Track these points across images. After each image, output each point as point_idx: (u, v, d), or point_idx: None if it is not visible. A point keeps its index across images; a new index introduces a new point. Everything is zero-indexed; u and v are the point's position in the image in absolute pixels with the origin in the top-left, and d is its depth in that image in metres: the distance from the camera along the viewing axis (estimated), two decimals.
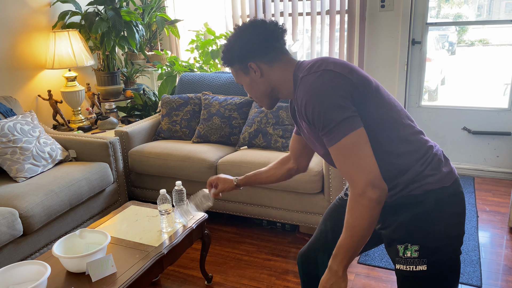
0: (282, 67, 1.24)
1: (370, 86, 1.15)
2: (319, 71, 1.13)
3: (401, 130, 1.17)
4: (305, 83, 1.13)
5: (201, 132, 2.97)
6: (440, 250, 1.15)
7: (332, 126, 1.08)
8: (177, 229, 1.99)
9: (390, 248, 1.22)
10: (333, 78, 1.10)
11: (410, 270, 1.16)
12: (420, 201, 1.16)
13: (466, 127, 3.50)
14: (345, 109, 1.08)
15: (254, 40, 1.22)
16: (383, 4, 3.39)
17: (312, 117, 1.11)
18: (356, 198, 1.06)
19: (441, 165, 1.19)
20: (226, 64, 1.29)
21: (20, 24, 3.12)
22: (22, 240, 2.19)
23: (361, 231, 1.07)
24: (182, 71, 3.64)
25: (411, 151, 1.17)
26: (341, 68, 1.13)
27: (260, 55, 1.23)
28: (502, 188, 3.25)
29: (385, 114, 1.16)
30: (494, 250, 2.45)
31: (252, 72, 1.24)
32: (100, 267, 1.61)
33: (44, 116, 3.38)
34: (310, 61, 1.20)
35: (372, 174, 1.05)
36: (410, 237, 1.16)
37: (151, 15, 3.84)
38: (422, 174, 1.16)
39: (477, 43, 3.66)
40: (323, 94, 1.09)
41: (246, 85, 1.29)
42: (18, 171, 2.43)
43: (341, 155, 1.08)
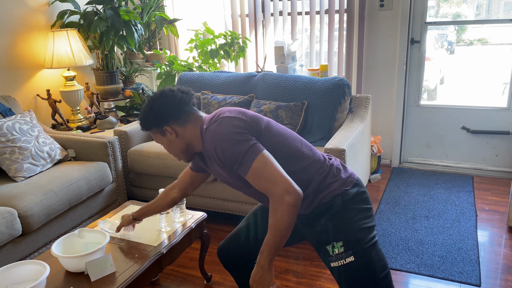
0: (193, 125, 1.43)
1: (261, 122, 1.38)
2: (217, 120, 1.34)
3: (295, 152, 1.40)
4: (209, 132, 1.34)
5: None
6: (359, 240, 1.35)
7: (241, 158, 1.28)
8: (176, 228, 1.99)
9: (321, 251, 1.40)
10: (230, 122, 1.32)
11: (342, 264, 1.35)
12: (331, 205, 1.37)
13: (465, 126, 3.51)
14: (246, 141, 1.29)
15: (166, 108, 1.41)
16: (382, 3, 3.39)
17: (223, 157, 1.31)
18: (276, 204, 1.25)
19: (340, 172, 1.42)
20: (145, 129, 1.47)
21: (19, 23, 3.11)
22: (21, 239, 2.19)
23: (282, 231, 1.25)
24: (181, 70, 3.64)
25: (307, 165, 1.39)
26: (235, 113, 1.36)
27: (173, 119, 1.42)
28: (501, 187, 3.26)
29: (279, 142, 1.38)
30: (493, 249, 2.45)
31: (168, 134, 1.43)
32: (99, 267, 1.61)
33: (43, 116, 3.38)
34: (210, 115, 1.41)
35: (285, 183, 1.24)
36: (333, 236, 1.36)
37: (150, 15, 3.83)
38: (325, 183, 1.38)
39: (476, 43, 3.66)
40: (225, 136, 1.30)
41: (165, 144, 1.47)
42: (17, 171, 2.43)
43: (257, 177, 1.28)
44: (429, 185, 3.33)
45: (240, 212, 2.73)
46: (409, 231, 2.67)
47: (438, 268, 2.28)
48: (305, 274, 2.29)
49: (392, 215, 2.88)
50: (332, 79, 2.86)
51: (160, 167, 2.80)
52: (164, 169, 2.79)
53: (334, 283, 2.21)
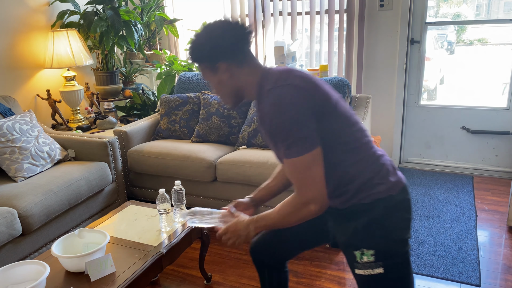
0: (250, 71, 1.28)
1: (330, 102, 1.23)
2: (284, 85, 1.17)
3: (353, 142, 1.25)
4: (271, 96, 1.18)
5: (200, 132, 2.97)
6: (393, 252, 1.24)
7: (290, 141, 1.15)
8: (176, 228, 1.98)
9: (347, 253, 1.30)
10: (296, 93, 1.16)
11: (369, 274, 1.25)
12: (371, 208, 1.24)
13: (465, 127, 3.51)
14: (304, 127, 1.15)
15: (225, 41, 1.23)
16: (382, 3, 3.39)
17: (275, 130, 1.17)
18: (298, 205, 1.19)
19: (389, 174, 1.27)
20: (194, 61, 1.30)
21: (19, 23, 3.11)
22: (21, 239, 2.19)
23: (287, 224, 1.22)
24: (181, 70, 3.64)
25: (361, 160, 1.25)
26: (306, 83, 1.19)
27: (230, 57, 1.25)
28: (501, 187, 3.26)
29: (341, 128, 1.24)
30: (493, 249, 2.45)
31: (220, 72, 1.27)
32: (99, 267, 1.61)
33: (43, 116, 3.38)
34: (276, 72, 1.24)
35: (318, 192, 1.16)
36: (365, 242, 1.24)
37: (150, 15, 3.83)
38: (371, 182, 1.25)
39: (476, 43, 3.66)
40: (285, 109, 1.14)
41: (213, 84, 1.31)
42: (17, 171, 2.43)
43: (295, 170, 1.18)
44: (429, 185, 3.33)
45: None
46: None
47: (438, 268, 2.28)
48: (305, 274, 2.29)
49: None
50: (332, 79, 2.86)
51: (160, 167, 2.80)
52: (164, 169, 2.79)
53: (334, 283, 2.21)
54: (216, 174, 2.68)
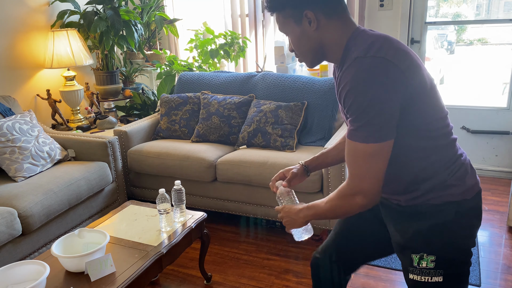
0: (340, 26, 1.09)
1: (425, 89, 1.06)
2: (376, 56, 1.00)
3: (438, 138, 1.12)
4: (357, 66, 1.01)
5: (200, 132, 2.97)
6: (456, 262, 1.14)
7: (363, 123, 1.00)
8: (176, 228, 1.98)
9: (403, 256, 1.19)
10: (387, 72, 0.99)
11: (425, 281, 1.14)
12: (439, 211, 1.12)
13: (465, 126, 3.51)
14: (384, 113, 1.00)
15: None
16: (382, 3, 3.39)
17: (350, 104, 1.02)
18: (347, 194, 1.09)
19: (466, 176, 1.15)
20: (273, 8, 1.11)
21: (19, 23, 3.11)
22: (21, 239, 2.19)
23: (335, 215, 1.16)
24: (181, 70, 3.64)
25: (441, 159, 1.12)
26: (401, 61, 1.02)
27: (321, 4, 1.07)
28: (501, 187, 3.26)
29: (428, 121, 1.10)
30: (493, 249, 2.45)
31: (305, 22, 1.09)
32: (99, 267, 1.61)
33: (43, 116, 3.38)
34: (370, 37, 1.06)
35: (372, 186, 1.05)
36: (427, 247, 1.13)
37: (150, 14, 3.83)
38: (446, 183, 1.12)
39: (476, 42, 3.66)
40: (369, 87, 0.98)
41: (294, 36, 1.12)
42: (17, 171, 2.43)
43: (355, 155, 1.05)
44: None
45: (240, 212, 2.73)
46: None
47: None
48: (306, 274, 2.29)
49: None
50: (332, 79, 2.86)
51: (160, 167, 2.80)
52: (164, 169, 2.79)
53: None
54: (216, 174, 2.68)
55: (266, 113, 2.80)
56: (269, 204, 2.61)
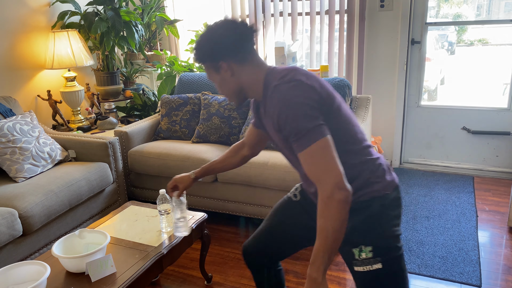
0: (252, 69, 1.29)
1: (335, 100, 1.25)
2: (292, 81, 1.19)
3: (355, 143, 1.29)
4: (279, 91, 1.20)
5: (200, 132, 2.97)
6: (390, 248, 1.28)
7: (303, 133, 1.16)
8: None
9: (344, 252, 1.32)
10: (305, 90, 1.18)
11: (368, 270, 1.27)
12: (368, 206, 1.28)
13: (465, 127, 3.51)
14: (314, 119, 1.16)
15: (225, 39, 1.25)
16: (383, 4, 3.39)
17: (284, 124, 1.18)
18: (326, 201, 1.12)
19: (385, 174, 1.32)
20: (197, 61, 1.32)
21: (20, 24, 3.12)
22: (21, 240, 2.19)
23: (333, 233, 1.11)
24: (182, 71, 3.64)
25: (361, 162, 1.29)
26: (312, 81, 1.22)
27: (231, 55, 1.27)
28: (502, 188, 3.26)
29: (344, 128, 1.27)
30: (493, 250, 2.45)
31: (223, 71, 1.29)
32: (99, 267, 1.61)
33: (44, 116, 3.38)
34: (282, 70, 1.26)
35: (338, 177, 1.13)
36: (363, 239, 1.27)
37: (151, 15, 3.84)
38: (369, 181, 1.29)
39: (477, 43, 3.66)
40: (296, 104, 1.16)
41: (217, 82, 1.34)
42: (18, 171, 2.43)
43: (310, 159, 1.16)
44: (429, 186, 3.33)
45: (240, 213, 2.73)
46: (409, 231, 2.66)
47: (439, 268, 2.28)
48: (305, 274, 2.29)
49: None
50: (332, 80, 2.86)
51: (161, 168, 2.80)
52: (164, 169, 2.80)
53: (334, 284, 2.21)
54: (217, 174, 2.68)
55: None
56: (270, 205, 2.61)
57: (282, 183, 2.47)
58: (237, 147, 1.65)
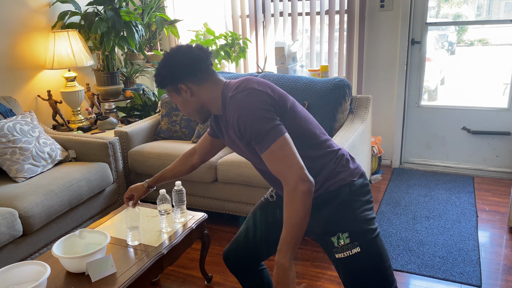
0: (210, 86, 1.39)
1: (288, 102, 1.35)
2: (246, 90, 1.29)
3: (313, 138, 1.38)
4: (235, 101, 1.29)
5: (200, 132, 2.97)
6: (364, 231, 1.34)
7: (262, 135, 1.24)
8: (176, 229, 1.99)
9: (324, 242, 1.39)
10: (258, 95, 1.28)
11: (348, 255, 1.33)
12: (337, 194, 1.36)
13: (465, 127, 3.51)
14: (271, 120, 1.25)
15: (181, 63, 1.36)
16: (383, 4, 3.39)
17: (244, 130, 1.27)
18: (290, 193, 1.20)
19: (349, 163, 1.42)
20: (159, 87, 1.42)
21: (20, 24, 3.12)
22: (21, 240, 2.19)
23: (298, 222, 1.19)
24: None
25: (323, 154, 1.38)
26: (264, 87, 1.31)
27: (189, 77, 1.37)
28: (502, 188, 3.26)
29: (300, 125, 1.36)
30: (493, 250, 2.45)
31: (183, 92, 1.39)
32: (99, 267, 1.61)
33: (44, 117, 3.38)
34: (236, 82, 1.36)
35: (300, 170, 1.21)
36: (338, 226, 1.35)
37: (151, 15, 3.84)
38: (334, 171, 1.38)
39: (477, 43, 3.66)
40: (251, 110, 1.26)
41: (179, 104, 1.43)
42: (18, 171, 2.43)
43: (273, 158, 1.24)
44: (429, 186, 3.33)
45: (240, 213, 2.73)
46: (409, 231, 2.66)
47: (439, 268, 2.28)
48: (306, 274, 2.29)
49: (393, 215, 2.88)
50: (332, 80, 2.86)
51: (161, 168, 2.80)
52: None
53: (334, 284, 2.21)
54: (217, 174, 2.69)
55: None
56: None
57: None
58: (186, 156, 1.73)
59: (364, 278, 1.36)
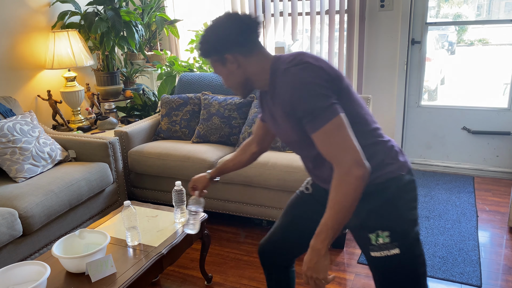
0: (259, 59, 1.29)
1: (343, 83, 1.25)
2: (301, 63, 1.19)
3: (365, 124, 1.28)
4: (289, 74, 1.20)
5: (200, 132, 2.97)
6: (407, 232, 1.25)
7: (317, 113, 1.15)
8: (177, 229, 1.99)
9: (360, 237, 1.30)
10: (315, 70, 1.18)
11: (385, 256, 1.25)
12: (384, 188, 1.26)
13: (465, 127, 3.51)
14: (328, 97, 1.16)
15: (230, 32, 1.26)
16: (383, 3, 3.39)
17: (297, 106, 1.18)
18: (342, 177, 1.12)
19: (398, 155, 1.31)
20: (203, 55, 1.32)
21: (20, 24, 3.11)
22: (21, 240, 2.19)
23: (344, 208, 1.12)
24: (182, 71, 3.64)
25: (373, 143, 1.28)
26: (320, 62, 1.22)
27: (237, 47, 1.27)
28: (502, 188, 3.26)
29: (354, 109, 1.26)
30: (494, 250, 2.45)
31: (229, 63, 1.29)
32: (99, 268, 1.61)
33: (44, 116, 3.38)
34: (289, 55, 1.26)
35: (356, 154, 1.12)
36: (380, 223, 1.25)
37: (151, 15, 3.84)
38: (383, 162, 1.27)
39: (477, 43, 3.66)
40: (307, 85, 1.16)
41: (223, 75, 1.34)
42: (18, 171, 2.43)
43: (326, 138, 1.15)
44: (429, 186, 3.33)
45: (240, 213, 2.73)
46: None
47: (439, 268, 2.28)
48: None
49: None
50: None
51: (161, 168, 2.80)
52: (164, 169, 2.79)
53: (334, 284, 2.20)
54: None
55: None
56: (270, 205, 2.61)
57: (282, 183, 2.47)
58: (246, 144, 1.65)
59: (398, 281, 1.28)
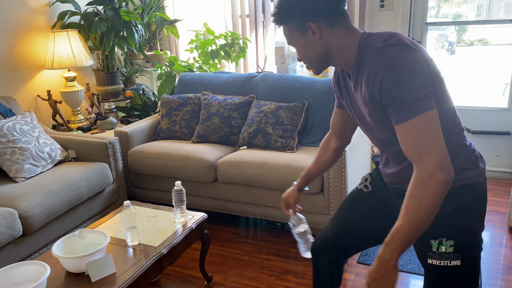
0: (344, 32, 1.15)
1: (440, 74, 1.12)
2: (400, 45, 1.07)
3: (454, 123, 1.16)
4: (385, 54, 1.06)
5: (200, 132, 2.97)
6: (472, 245, 1.16)
7: (409, 102, 1.03)
8: (176, 229, 1.99)
9: (420, 242, 1.18)
10: (415, 55, 1.06)
11: (444, 265, 1.15)
12: (458, 194, 1.15)
13: (465, 127, 3.51)
14: (424, 88, 1.03)
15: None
16: (383, 3, 3.39)
17: (389, 90, 1.05)
18: (424, 179, 1.01)
19: (478, 161, 1.20)
20: (280, 21, 1.17)
21: (19, 24, 3.11)
22: (21, 240, 2.19)
23: (422, 216, 1.00)
24: (182, 71, 3.64)
25: (458, 146, 1.17)
26: (419, 47, 1.09)
27: (322, 16, 1.13)
28: (502, 188, 3.26)
29: (447, 105, 1.13)
30: (493, 250, 2.45)
31: (310, 32, 1.15)
32: (99, 267, 1.61)
33: (44, 116, 3.38)
34: (383, 34, 1.13)
35: (443, 156, 1.01)
36: (447, 231, 1.14)
37: (151, 15, 3.84)
38: (461, 167, 1.16)
39: (477, 43, 3.66)
40: (407, 69, 1.03)
41: (301, 46, 1.19)
42: (18, 171, 2.43)
43: (411, 133, 1.04)
44: None
45: (240, 213, 2.72)
46: None
47: None
48: (306, 274, 2.29)
49: None
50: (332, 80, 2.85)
51: (161, 168, 2.80)
52: (164, 169, 2.79)
53: None
54: (217, 174, 2.68)
55: (267, 113, 2.80)
56: (269, 205, 2.61)
57: (282, 183, 2.47)
58: (325, 142, 1.54)
59: None
